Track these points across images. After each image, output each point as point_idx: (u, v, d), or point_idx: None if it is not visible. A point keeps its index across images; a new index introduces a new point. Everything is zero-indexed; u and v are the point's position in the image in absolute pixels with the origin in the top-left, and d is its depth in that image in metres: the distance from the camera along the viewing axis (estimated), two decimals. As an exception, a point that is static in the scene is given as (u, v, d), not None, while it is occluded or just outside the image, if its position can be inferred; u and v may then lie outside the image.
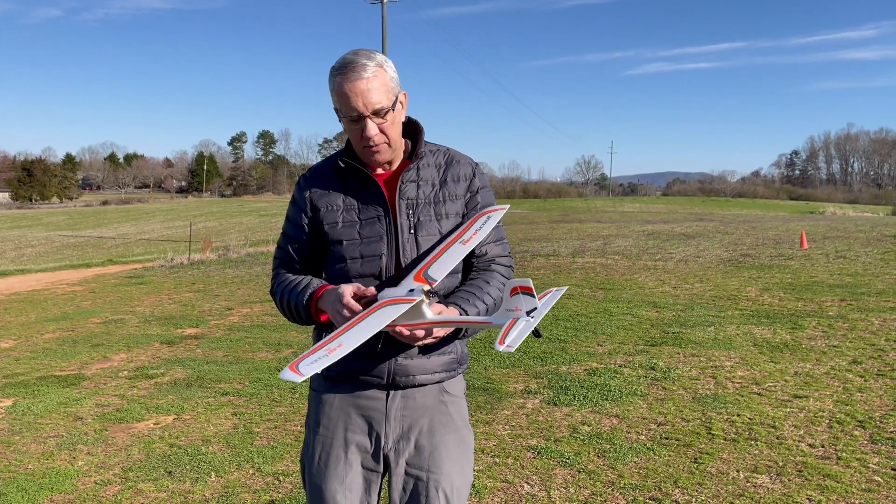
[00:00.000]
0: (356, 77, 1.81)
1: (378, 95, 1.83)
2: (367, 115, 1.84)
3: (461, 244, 1.93)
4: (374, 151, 1.89)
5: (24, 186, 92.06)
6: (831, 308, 7.95)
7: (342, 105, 1.85)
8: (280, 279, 2.03)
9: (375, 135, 1.86)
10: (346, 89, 1.82)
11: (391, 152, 1.94)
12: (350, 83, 1.82)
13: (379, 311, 1.76)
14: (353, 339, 1.68)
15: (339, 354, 1.64)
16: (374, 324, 1.72)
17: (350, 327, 1.73)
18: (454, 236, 1.94)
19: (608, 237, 18.50)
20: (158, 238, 35.08)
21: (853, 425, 4.33)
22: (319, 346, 1.68)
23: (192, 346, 7.80)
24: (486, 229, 1.97)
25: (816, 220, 26.90)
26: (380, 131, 1.86)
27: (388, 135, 1.89)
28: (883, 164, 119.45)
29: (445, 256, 1.90)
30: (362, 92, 1.82)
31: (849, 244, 14.32)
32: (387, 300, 1.78)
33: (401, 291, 1.81)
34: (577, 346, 6.69)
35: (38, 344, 8.37)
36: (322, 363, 1.62)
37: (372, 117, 1.84)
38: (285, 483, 3.90)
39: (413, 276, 1.85)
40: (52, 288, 14.69)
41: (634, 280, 10.99)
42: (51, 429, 5.02)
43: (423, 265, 1.88)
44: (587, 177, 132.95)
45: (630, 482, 3.67)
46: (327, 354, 1.64)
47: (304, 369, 1.61)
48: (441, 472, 1.94)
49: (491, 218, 2.00)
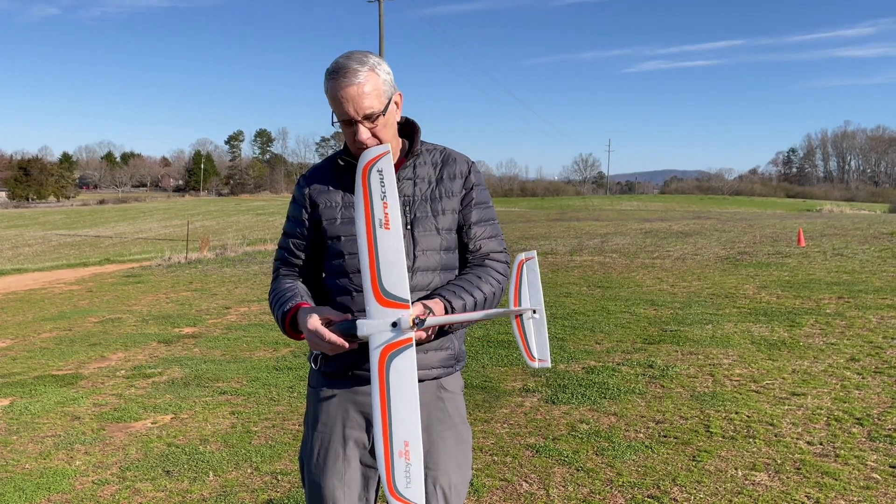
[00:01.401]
0: (347, 83, 1.83)
1: (370, 100, 1.84)
2: (358, 119, 1.85)
3: (383, 230, 1.70)
4: None
5: (20, 185, 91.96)
6: (829, 306, 7.96)
7: (335, 109, 1.87)
8: (275, 285, 2.05)
9: (367, 139, 1.87)
10: (339, 95, 1.84)
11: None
12: (342, 89, 1.83)
13: (392, 372, 1.67)
14: (412, 425, 1.65)
15: (417, 452, 1.62)
16: (407, 388, 1.66)
17: (386, 410, 1.66)
18: (365, 222, 1.72)
19: (606, 235, 18.51)
20: (156, 237, 35.03)
21: (851, 423, 4.33)
22: (387, 457, 1.63)
23: (190, 345, 7.79)
24: (391, 192, 1.71)
25: (814, 217, 26.95)
26: (372, 135, 1.88)
27: (381, 137, 1.90)
28: (880, 162, 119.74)
29: (385, 260, 1.70)
30: (353, 97, 1.83)
31: (846, 242, 14.34)
32: (384, 349, 1.69)
33: (383, 329, 1.69)
34: (575, 345, 6.69)
35: (36, 343, 8.35)
36: (416, 472, 1.61)
37: (363, 122, 1.86)
38: (283, 482, 3.89)
39: (374, 297, 1.71)
40: (49, 287, 14.67)
41: (632, 278, 11.00)
42: (48, 428, 5.01)
43: (370, 280, 1.71)
44: (585, 175, 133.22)
45: (629, 480, 3.67)
46: (408, 462, 1.62)
47: (411, 493, 1.59)
48: (439, 469, 1.94)
49: (384, 172, 1.73)
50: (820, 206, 51.57)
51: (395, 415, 1.65)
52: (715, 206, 55.50)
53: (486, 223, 2.03)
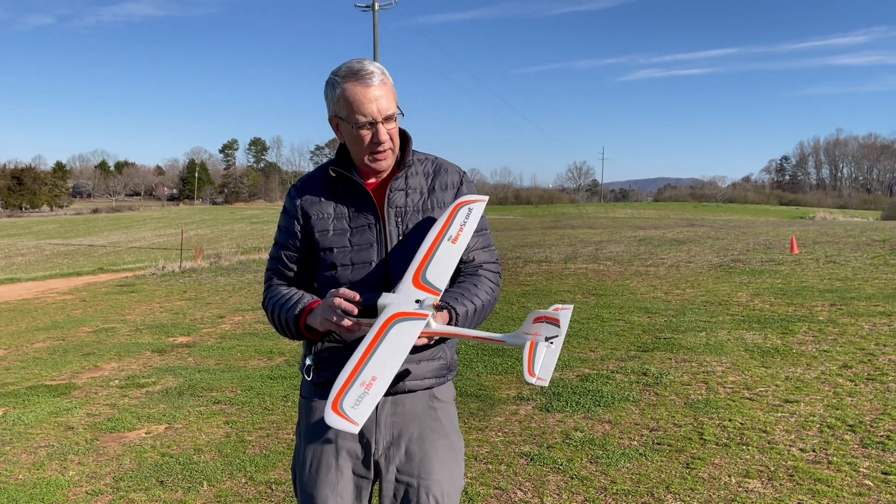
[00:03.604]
0: (368, 83, 1.86)
1: (388, 102, 1.88)
2: (380, 120, 1.88)
3: (450, 242, 1.91)
4: (382, 158, 1.94)
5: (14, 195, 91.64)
6: (821, 313, 7.99)
7: (353, 111, 1.87)
8: (272, 292, 2.03)
9: (387, 140, 1.90)
10: (361, 95, 1.86)
11: (394, 159, 1.98)
12: (364, 89, 1.86)
13: (394, 328, 1.70)
14: (386, 369, 1.63)
15: (380, 388, 1.60)
16: (398, 346, 1.67)
17: (371, 351, 1.66)
18: (438, 232, 1.93)
19: (600, 243, 18.55)
20: (149, 246, 34.94)
21: (844, 429, 4.35)
22: (348, 378, 1.61)
23: (184, 354, 7.77)
24: (472, 224, 1.97)
25: (806, 224, 27.06)
26: (389, 137, 1.91)
27: (395, 142, 1.94)
28: (872, 169, 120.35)
29: (439, 258, 1.88)
30: (376, 98, 1.86)
31: (839, 249, 14.41)
32: (396, 314, 1.73)
33: (406, 302, 1.77)
34: (569, 352, 6.70)
35: (29, 353, 8.32)
36: (368, 401, 1.57)
37: (384, 123, 1.89)
38: (278, 491, 3.89)
39: (411, 281, 1.84)
40: (42, 297, 14.61)
41: (626, 286, 11.03)
42: (41, 439, 4.99)
43: (417, 267, 1.87)
44: (579, 183, 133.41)
45: (623, 488, 3.68)
46: (366, 391, 1.58)
47: (354, 414, 1.54)
48: (431, 479, 1.94)
49: (473, 211, 1.99)
50: (813, 214, 51.77)
51: (375, 356, 1.65)
52: (708, 214, 55.67)
53: (479, 234, 2.04)
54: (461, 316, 1.86)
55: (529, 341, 1.71)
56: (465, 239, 1.93)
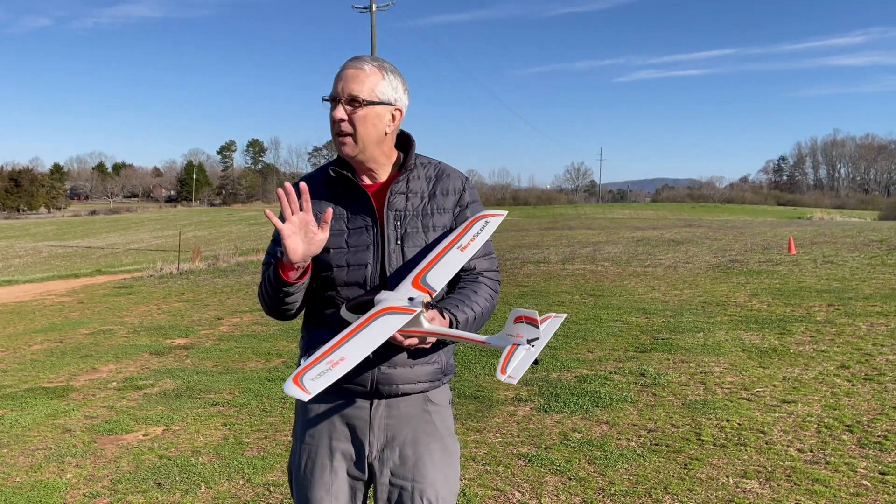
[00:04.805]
0: (350, 65, 1.90)
1: (359, 86, 1.88)
2: (341, 98, 1.88)
3: (459, 250, 1.92)
4: (342, 142, 1.91)
5: (11, 196, 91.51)
6: (819, 313, 8.00)
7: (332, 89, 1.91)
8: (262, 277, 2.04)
9: (340, 118, 1.88)
10: (339, 73, 1.91)
11: (357, 150, 1.92)
12: (344, 69, 1.91)
13: (380, 319, 1.74)
14: (356, 352, 1.67)
15: (344, 368, 1.63)
16: (376, 335, 1.70)
17: (350, 336, 1.71)
18: (450, 241, 1.94)
19: (598, 244, 18.56)
20: (147, 248, 34.91)
21: (841, 430, 4.36)
22: (319, 356, 1.65)
23: (182, 356, 7.77)
24: (485, 235, 1.98)
25: (804, 225, 27.09)
26: (348, 120, 1.88)
27: (356, 129, 1.89)
28: (869, 170, 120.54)
29: (443, 263, 1.89)
30: (347, 77, 1.89)
31: (836, 249, 14.42)
32: (386, 307, 1.76)
33: (400, 299, 1.79)
34: (567, 353, 6.70)
35: (26, 355, 8.31)
36: (328, 378, 1.61)
37: (344, 104, 1.88)
38: (276, 493, 3.89)
39: (411, 282, 1.85)
40: (39, 299, 14.59)
41: (624, 286, 11.03)
42: (39, 441, 4.99)
43: (419, 270, 1.88)
44: (577, 184, 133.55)
45: (621, 489, 3.68)
46: (331, 368, 1.62)
47: (310, 385, 1.58)
48: (426, 482, 1.94)
49: (489, 223, 2.01)
50: (810, 214, 51.76)
51: (351, 342, 1.70)
52: (706, 214, 55.71)
53: (489, 234, 2.04)
54: (461, 323, 1.87)
55: (511, 344, 1.73)
56: (474, 249, 1.95)
